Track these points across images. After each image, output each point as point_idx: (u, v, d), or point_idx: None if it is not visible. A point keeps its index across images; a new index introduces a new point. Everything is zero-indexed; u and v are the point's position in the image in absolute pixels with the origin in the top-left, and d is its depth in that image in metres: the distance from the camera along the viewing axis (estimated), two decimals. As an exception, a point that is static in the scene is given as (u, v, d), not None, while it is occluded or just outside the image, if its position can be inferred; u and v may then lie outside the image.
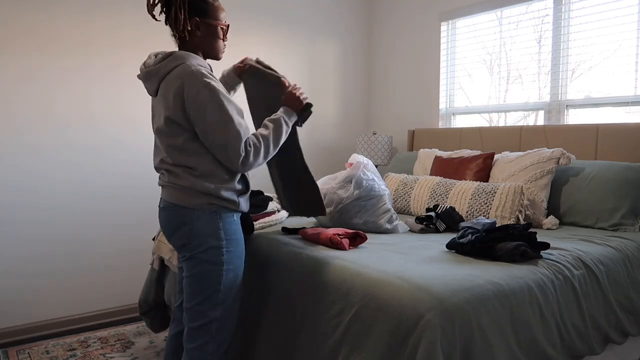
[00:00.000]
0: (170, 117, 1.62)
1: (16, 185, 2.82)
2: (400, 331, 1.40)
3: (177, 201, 1.68)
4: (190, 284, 1.70)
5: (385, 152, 3.75)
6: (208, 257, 1.67)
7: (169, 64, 1.65)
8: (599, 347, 1.81)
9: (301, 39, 3.86)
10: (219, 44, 1.76)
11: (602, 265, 1.90)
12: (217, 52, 1.77)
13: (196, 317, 1.69)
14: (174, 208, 1.69)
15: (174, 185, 1.68)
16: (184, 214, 1.67)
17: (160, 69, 1.66)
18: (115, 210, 3.13)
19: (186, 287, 1.71)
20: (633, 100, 2.69)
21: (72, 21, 2.92)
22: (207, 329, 1.68)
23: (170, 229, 1.72)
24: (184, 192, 1.67)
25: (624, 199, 2.37)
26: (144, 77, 1.72)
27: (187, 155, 1.65)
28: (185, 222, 1.67)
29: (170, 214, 1.70)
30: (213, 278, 1.68)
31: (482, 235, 1.82)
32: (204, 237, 1.67)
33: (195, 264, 1.68)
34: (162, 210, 1.74)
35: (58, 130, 2.92)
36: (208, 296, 1.68)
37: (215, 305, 1.69)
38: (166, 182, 1.71)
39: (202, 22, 1.70)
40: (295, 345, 1.76)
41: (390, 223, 2.31)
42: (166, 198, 1.72)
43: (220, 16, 1.74)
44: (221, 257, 1.68)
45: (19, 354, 2.70)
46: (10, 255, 2.83)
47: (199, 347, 1.68)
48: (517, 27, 3.24)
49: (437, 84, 3.71)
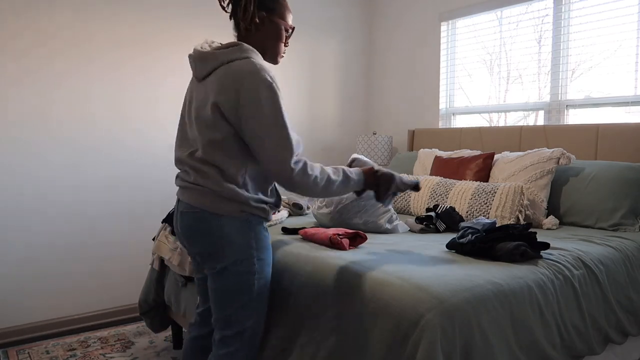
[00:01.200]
0: (219, 104, 1.49)
1: (16, 186, 2.82)
2: (400, 331, 1.40)
3: (204, 206, 1.55)
4: (222, 295, 1.61)
5: (385, 152, 3.75)
6: (241, 267, 1.58)
7: (232, 53, 1.54)
8: (599, 347, 1.81)
9: (301, 39, 3.86)
10: (280, 46, 1.69)
11: (602, 265, 1.90)
12: (276, 54, 1.69)
13: (229, 326, 1.63)
14: (200, 213, 1.56)
15: (201, 187, 1.55)
16: (212, 220, 1.55)
17: (221, 56, 1.54)
18: (115, 211, 3.13)
19: (217, 297, 1.62)
20: (633, 100, 2.69)
21: (70, 20, 2.92)
22: (240, 336, 1.63)
23: (194, 235, 1.59)
24: (213, 197, 1.54)
25: (624, 199, 2.37)
26: (198, 57, 1.59)
27: (225, 155, 1.53)
28: (213, 230, 1.55)
29: (195, 220, 1.57)
30: (246, 288, 1.60)
31: (482, 235, 1.82)
32: (237, 246, 1.57)
33: (227, 275, 1.59)
34: (185, 215, 1.60)
35: (57, 131, 2.92)
36: (242, 306, 1.61)
37: (250, 314, 1.64)
38: (190, 182, 1.58)
39: (268, 19, 1.63)
40: (295, 345, 1.76)
41: (390, 223, 2.31)
42: (190, 201, 1.58)
43: (287, 17, 1.67)
44: (253, 266, 1.60)
45: (19, 354, 2.70)
46: (10, 255, 2.83)
47: (231, 353, 1.64)
48: (517, 27, 3.24)
49: (437, 84, 3.71)
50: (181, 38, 3.28)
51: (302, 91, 3.90)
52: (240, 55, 1.53)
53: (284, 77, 3.79)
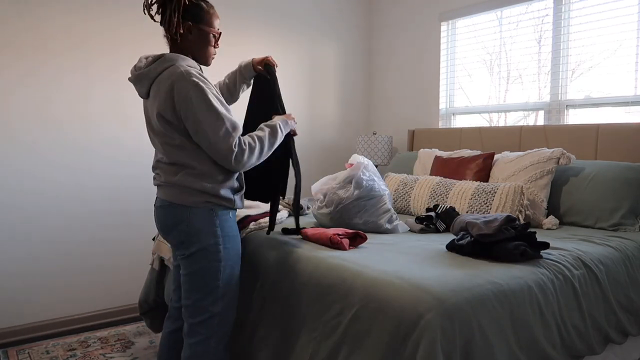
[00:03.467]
0: (162, 115, 1.65)
1: (16, 186, 2.82)
2: (400, 331, 1.40)
3: (173, 199, 1.71)
4: (190, 281, 1.73)
5: (385, 152, 3.75)
6: (206, 254, 1.71)
7: (159, 66, 1.69)
8: (599, 347, 1.81)
9: (301, 39, 3.86)
10: (209, 50, 1.80)
11: (602, 265, 1.90)
12: (206, 58, 1.81)
13: (197, 313, 1.73)
14: (170, 206, 1.72)
15: (170, 184, 1.72)
16: (181, 211, 1.70)
17: (151, 71, 1.69)
18: (115, 211, 3.13)
19: (185, 284, 1.75)
20: (633, 100, 2.69)
21: (70, 20, 2.92)
22: (208, 323, 1.73)
23: (166, 226, 1.75)
24: (180, 191, 1.70)
25: (624, 199, 2.37)
26: (134, 80, 1.75)
27: (184, 154, 1.68)
28: (182, 220, 1.70)
29: (166, 212, 1.74)
30: (212, 274, 1.72)
31: (481, 236, 1.82)
32: (202, 234, 1.70)
33: (194, 261, 1.71)
34: (158, 208, 1.77)
35: (57, 131, 2.92)
36: (208, 292, 1.72)
37: (215, 301, 1.73)
38: (162, 181, 1.74)
39: (195, 27, 1.74)
40: (295, 345, 1.76)
41: (390, 223, 2.31)
42: (162, 197, 1.75)
43: (214, 23, 1.78)
44: (219, 253, 1.72)
45: (19, 354, 2.70)
46: (10, 255, 2.83)
47: (201, 341, 1.73)
48: (517, 27, 3.24)
49: (437, 84, 3.71)
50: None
51: (302, 91, 3.90)
52: (165, 65, 1.68)
53: (284, 77, 3.79)
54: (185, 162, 1.69)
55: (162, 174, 1.75)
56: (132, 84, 1.77)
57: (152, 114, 1.70)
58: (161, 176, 1.75)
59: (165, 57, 1.70)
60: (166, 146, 1.70)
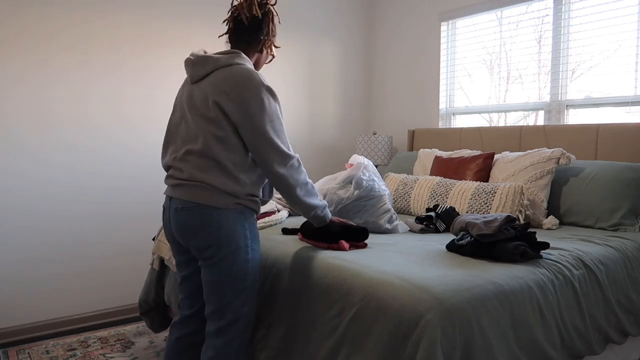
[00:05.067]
0: (220, 103, 1.61)
1: (15, 186, 2.82)
2: (400, 331, 1.40)
3: (201, 200, 1.62)
4: (220, 285, 1.69)
5: (385, 152, 3.75)
6: (238, 256, 1.67)
7: (231, 58, 1.68)
8: (599, 347, 1.81)
9: (301, 39, 3.86)
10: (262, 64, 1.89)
11: (602, 265, 1.90)
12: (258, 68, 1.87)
13: (225, 316, 1.71)
14: (197, 208, 1.63)
15: (196, 181, 1.63)
16: (210, 213, 1.63)
17: (221, 59, 1.67)
18: (114, 211, 3.13)
19: (214, 288, 1.70)
20: (633, 100, 2.69)
21: (69, 20, 2.92)
22: (237, 325, 1.72)
23: (193, 230, 1.66)
24: (209, 191, 1.62)
25: (624, 199, 2.37)
26: (197, 61, 1.70)
27: (225, 149, 1.63)
28: (212, 222, 1.63)
29: (193, 215, 1.64)
30: (242, 276, 1.70)
31: (481, 236, 1.82)
32: (234, 236, 1.66)
33: (226, 264, 1.67)
34: (180, 211, 1.66)
35: (56, 131, 2.92)
36: (239, 294, 1.70)
37: (245, 302, 1.73)
38: (185, 178, 1.65)
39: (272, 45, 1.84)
40: (295, 345, 1.76)
41: (390, 223, 2.31)
42: (184, 197, 1.65)
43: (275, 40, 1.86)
44: (247, 255, 1.70)
45: (19, 354, 2.70)
46: (10, 255, 2.83)
47: (227, 343, 1.71)
48: (517, 27, 3.24)
49: (437, 84, 3.71)
50: (180, 38, 3.28)
51: (302, 91, 3.90)
52: (238, 60, 1.68)
53: (284, 77, 3.79)
54: (220, 158, 1.62)
55: (187, 168, 1.65)
56: (189, 65, 1.72)
57: (207, 98, 1.64)
58: (184, 172, 1.65)
59: (241, 55, 1.71)
60: (208, 134, 1.62)
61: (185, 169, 1.66)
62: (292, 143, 3.87)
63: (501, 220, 1.78)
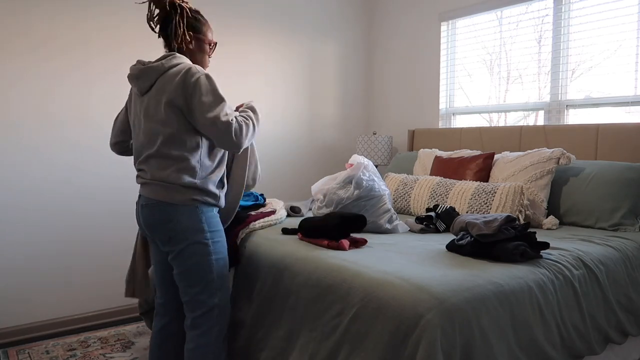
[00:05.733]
0: (173, 101, 1.72)
1: (16, 185, 2.82)
2: (400, 331, 1.40)
3: (160, 198, 1.76)
4: (185, 278, 1.81)
5: (385, 152, 3.75)
6: (197, 249, 1.78)
7: (170, 61, 1.78)
8: (599, 347, 1.81)
9: (301, 39, 3.86)
10: (205, 58, 1.95)
11: (602, 265, 1.90)
12: (204, 64, 1.94)
13: (197, 307, 1.82)
14: (157, 205, 1.78)
15: (157, 180, 1.77)
16: (168, 210, 1.76)
17: (162, 66, 1.77)
18: (115, 210, 3.13)
19: (182, 281, 1.82)
20: (633, 100, 2.69)
21: (69, 20, 2.92)
22: (209, 315, 1.82)
23: (154, 225, 1.80)
24: (168, 189, 1.76)
25: (624, 199, 2.37)
26: (139, 74, 1.80)
27: (179, 146, 1.74)
28: (170, 219, 1.77)
29: (153, 211, 1.79)
30: (206, 268, 1.80)
31: (481, 236, 1.82)
32: (190, 231, 1.77)
33: (187, 257, 1.79)
34: (144, 207, 1.82)
35: (57, 130, 2.92)
36: (204, 286, 1.81)
37: (213, 293, 1.83)
38: (148, 178, 1.79)
39: (195, 38, 1.88)
40: (295, 345, 1.76)
41: (390, 223, 2.31)
42: (148, 195, 1.80)
43: (208, 34, 1.93)
44: (208, 248, 1.80)
45: (19, 354, 2.70)
46: (10, 255, 2.82)
47: (204, 333, 1.82)
48: (517, 27, 3.24)
49: (437, 84, 3.71)
50: (181, 38, 3.28)
51: (302, 91, 3.90)
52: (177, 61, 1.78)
53: (284, 77, 3.79)
54: (178, 155, 1.74)
55: (149, 170, 1.79)
56: (133, 79, 1.82)
57: (157, 105, 1.75)
58: (147, 173, 1.79)
59: (177, 55, 1.80)
60: (163, 136, 1.74)
61: (148, 169, 1.81)
62: (293, 143, 3.88)
63: (501, 220, 1.78)
